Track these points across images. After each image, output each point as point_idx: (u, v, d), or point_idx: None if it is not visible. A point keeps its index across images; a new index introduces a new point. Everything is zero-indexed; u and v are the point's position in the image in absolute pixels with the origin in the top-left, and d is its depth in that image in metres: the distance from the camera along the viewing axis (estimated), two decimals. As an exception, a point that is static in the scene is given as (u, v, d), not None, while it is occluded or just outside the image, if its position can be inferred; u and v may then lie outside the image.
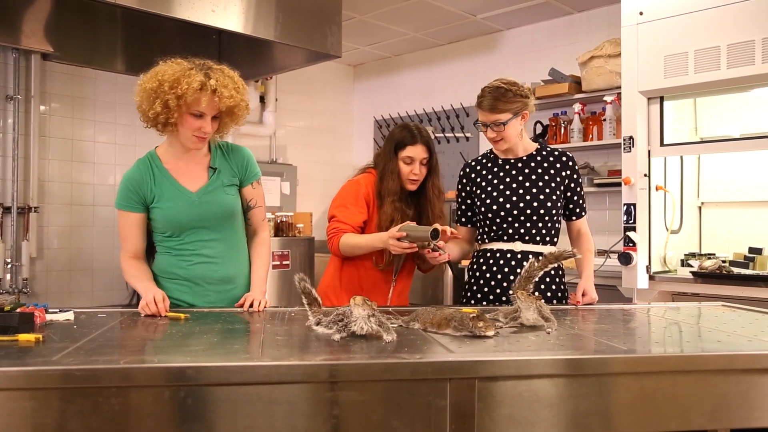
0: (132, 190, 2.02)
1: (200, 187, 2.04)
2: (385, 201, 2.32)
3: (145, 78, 1.93)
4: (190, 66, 1.92)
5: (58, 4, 3.63)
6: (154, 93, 1.89)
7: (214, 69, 1.94)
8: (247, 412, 1.15)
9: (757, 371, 1.33)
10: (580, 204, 2.38)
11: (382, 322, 1.46)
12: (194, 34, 4.19)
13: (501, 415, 1.21)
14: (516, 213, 2.27)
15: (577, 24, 4.65)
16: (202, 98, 1.89)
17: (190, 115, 1.92)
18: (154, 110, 1.89)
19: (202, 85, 1.88)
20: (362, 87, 6.19)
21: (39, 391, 1.12)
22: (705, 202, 3.67)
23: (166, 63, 1.95)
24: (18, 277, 4.11)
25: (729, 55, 3.01)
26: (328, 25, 3.91)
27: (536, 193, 2.27)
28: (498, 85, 2.23)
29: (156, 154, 2.08)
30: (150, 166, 2.04)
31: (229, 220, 2.09)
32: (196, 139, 1.97)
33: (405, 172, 2.33)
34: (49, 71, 4.32)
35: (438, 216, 2.37)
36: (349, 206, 2.34)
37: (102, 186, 4.60)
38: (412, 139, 2.32)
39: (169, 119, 1.92)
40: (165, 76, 1.88)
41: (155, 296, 1.85)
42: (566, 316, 1.86)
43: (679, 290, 3.25)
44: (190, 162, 2.07)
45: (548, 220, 2.28)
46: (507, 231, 2.28)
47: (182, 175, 2.04)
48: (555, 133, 4.44)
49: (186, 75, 1.88)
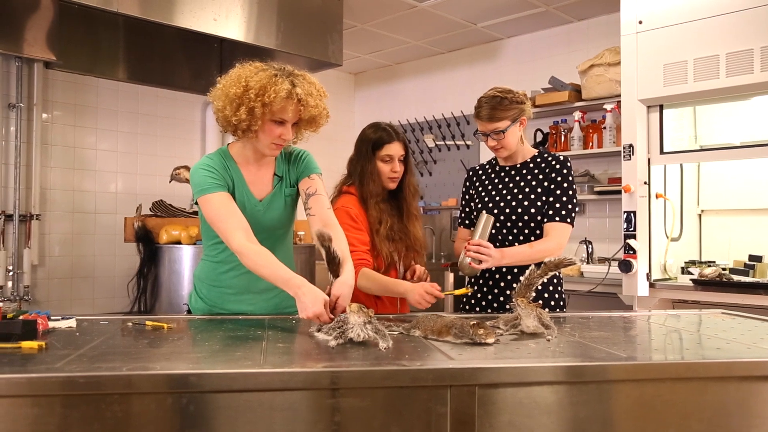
0: (216, 172, 1.91)
1: (265, 196, 2.00)
2: (370, 204, 2.30)
3: (227, 82, 1.86)
4: (273, 72, 1.84)
5: (60, 13, 3.66)
6: (239, 99, 1.82)
7: (297, 75, 1.88)
8: (248, 418, 1.16)
9: (756, 378, 1.33)
10: (556, 207, 2.23)
11: (379, 329, 1.47)
12: (196, 43, 4.22)
13: (501, 422, 1.22)
14: (503, 220, 2.28)
15: (576, 33, 4.68)
16: (288, 107, 1.84)
17: (271, 122, 1.87)
18: (238, 117, 1.83)
19: (289, 93, 1.82)
20: (363, 95, 6.22)
21: (42, 398, 1.12)
22: (705, 210, 3.68)
23: (246, 67, 1.88)
24: (19, 285, 4.12)
25: (728, 63, 3.03)
26: (330, 33, 3.93)
27: (522, 199, 2.28)
28: (494, 94, 2.25)
29: (230, 153, 2.00)
30: (224, 162, 1.97)
31: (282, 229, 2.05)
32: (275, 147, 1.92)
33: (385, 171, 2.30)
34: (52, 79, 4.34)
35: (415, 215, 2.39)
36: (351, 230, 2.24)
37: (103, 194, 4.62)
38: (389, 137, 2.30)
39: (251, 126, 1.85)
40: (251, 82, 1.81)
41: (325, 302, 1.64)
42: (566, 324, 1.86)
43: (679, 298, 3.26)
44: (261, 168, 2.01)
45: (535, 226, 2.26)
46: (507, 237, 2.29)
47: (252, 181, 1.99)
48: (555, 141, 4.45)
49: (273, 83, 1.81)
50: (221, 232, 1.86)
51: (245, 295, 2.01)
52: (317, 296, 1.66)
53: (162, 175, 4.67)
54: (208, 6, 3.36)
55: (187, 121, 5.06)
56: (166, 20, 3.23)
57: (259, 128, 1.87)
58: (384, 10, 4.48)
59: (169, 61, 4.37)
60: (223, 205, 1.88)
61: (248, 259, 1.80)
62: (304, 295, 1.67)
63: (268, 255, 1.81)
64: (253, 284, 1.97)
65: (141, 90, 4.72)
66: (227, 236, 1.84)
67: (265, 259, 1.79)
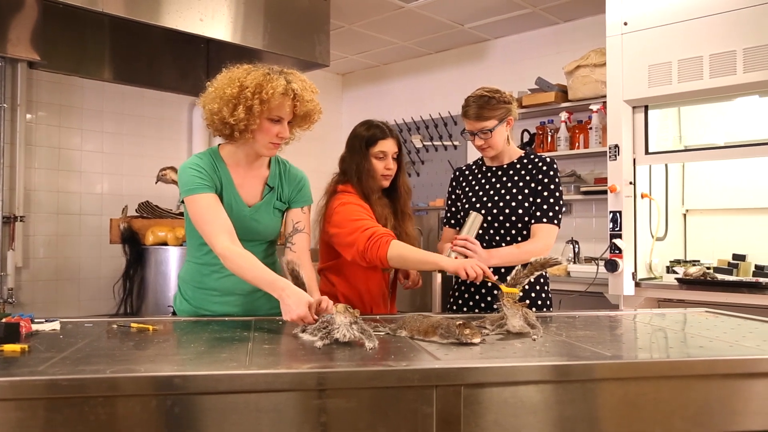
0: (204, 172, 1.90)
1: (254, 203, 1.99)
2: (372, 200, 2.27)
3: (220, 85, 1.87)
4: (266, 71, 1.86)
5: (45, 13, 3.63)
6: (236, 99, 1.82)
7: (288, 73, 1.90)
8: (234, 420, 1.15)
9: (739, 376, 1.35)
10: (543, 209, 2.25)
11: (365, 329, 1.47)
12: (182, 43, 4.20)
13: (487, 421, 1.22)
14: (490, 220, 2.29)
15: (563, 34, 4.70)
16: (285, 103, 1.85)
17: (268, 121, 1.87)
18: (236, 117, 1.82)
19: (285, 89, 1.84)
20: (351, 95, 6.22)
21: (25, 401, 1.11)
22: (690, 210, 3.72)
23: (235, 69, 1.88)
24: (3, 287, 4.08)
25: (711, 64, 3.06)
26: (317, 34, 3.93)
27: (509, 200, 2.28)
28: (481, 94, 2.26)
29: (220, 154, 1.99)
30: (214, 163, 1.95)
31: (267, 234, 2.05)
32: (272, 146, 1.93)
33: (379, 168, 2.27)
34: (36, 80, 4.30)
35: (408, 215, 2.38)
36: (369, 218, 2.19)
37: (89, 195, 4.58)
38: (382, 134, 2.28)
39: (249, 125, 1.85)
40: (246, 81, 1.82)
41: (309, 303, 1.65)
42: (552, 323, 1.87)
43: (664, 297, 3.29)
44: (251, 172, 2.01)
45: (522, 227, 2.27)
46: (494, 237, 2.30)
47: (241, 185, 1.98)
48: (542, 142, 4.48)
49: (268, 80, 1.82)
50: (205, 234, 1.87)
51: (230, 296, 2.00)
52: (301, 298, 1.67)
53: (148, 176, 4.63)
54: (194, 6, 3.34)
55: (174, 122, 5.03)
56: (152, 20, 3.21)
57: (257, 127, 1.87)
58: (371, 11, 4.48)
59: (156, 62, 4.34)
60: (209, 206, 1.87)
61: (231, 262, 1.81)
62: (288, 297, 1.68)
63: (252, 258, 1.82)
64: (237, 286, 1.96)
65: (127, 90, 4.69)
66: (211, 239, 1.84)
67: (248, 262, 1.80)
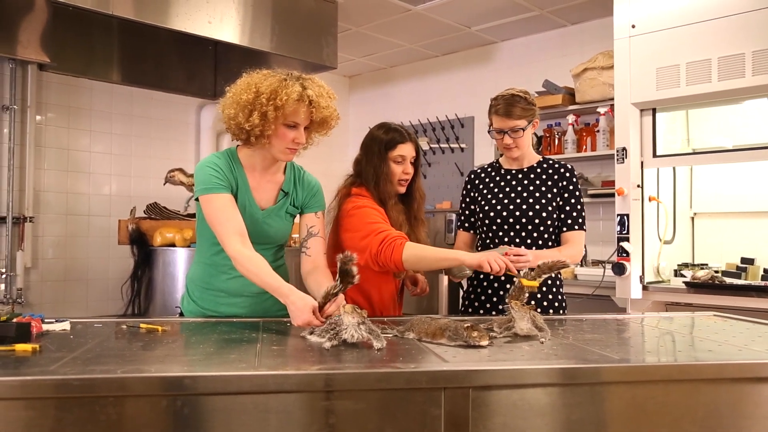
0: (221, 172, 1.91)
1: (268, 207, 2.01)
2: (389, 205, 2.24)
3: (237, 90, 1.89)
4: (283, 77, 1.87)
5: (54, 15, 3.66)
6: (251, 105, 1.84)
7: (305, 79, 1.91)
8: (242, 421, 1.16)
9: (748, 380, 1.34)
10: (573, 216, 2.33)
11: (372, 330, 1.48)
12: (191, 45, 4.23)
13: (495, 423, 1.22)
14: (512, 222, 2.30)
15: (570, 36, 4.70)
16: (300, 109, 1.87)
17: (284, 126, 1.88)
18: (251, 122, 1.84)
19: (300, 95, 1.85)
20: (358, 98, 6.23)
21: (36, 400, 1.12)
22: (698, 213, 3.70)
23: (254, 74, 1.90)
24: (12, 287, 4.10)
25: (720, 67, 3.05)
26: (324, 36, 3.94)
27: (532, 204, 2.30)
28: (514, 93, 2.29)
29: (237, 156, 2.00)
30: (231, 164, 1.97)
31: (279, 239, 2.07)
32: (289, 151, 1.94)
33: (397, 172, 2.24)
34: (46, 81, 4.33)
35: (421, 220, 2.36)
36: (380, 221, 2.17)
37: (97, 196, 4.60)
38: (402, 138, 2.25)
39: (265, 131, 1.87)
40: (261, 87, 1.84)
41: (314, 308, 1.68)
42: (560, 326, 1.87)
43: (672, 300, 3.27)
44: (266, 176, 2.02)
45: (544, 230, 2.30)
46: (503, 240, 2.30)
47: (256, 189, 2.00)
48: (549, 144, 4.47)
49: (284, 86, 1.84)
50: (218, 234, 1.88)
51: (237, 298, 2.01)
52: (306, 303, 1.69)
53: (156, 178, 4.65)
54: (202, 8, 3.36)
55: (182, 124, 5.05)
56: (161, 22, 3.22)
57: (272, 133, 1.88)
58: (378, 14, 4.49)
59: (164, 64, 4.37)
60: (224, 207, 1.89)
61: (241, 264, 1.84)
62: (293, 303, 1.71)
63: (261, 262, 1.84)
64: (246, 288, 1.97)
65: (135, 92, 4.71)
66: (224, 239, 1.86)
67: (256, 266, 1.82)
